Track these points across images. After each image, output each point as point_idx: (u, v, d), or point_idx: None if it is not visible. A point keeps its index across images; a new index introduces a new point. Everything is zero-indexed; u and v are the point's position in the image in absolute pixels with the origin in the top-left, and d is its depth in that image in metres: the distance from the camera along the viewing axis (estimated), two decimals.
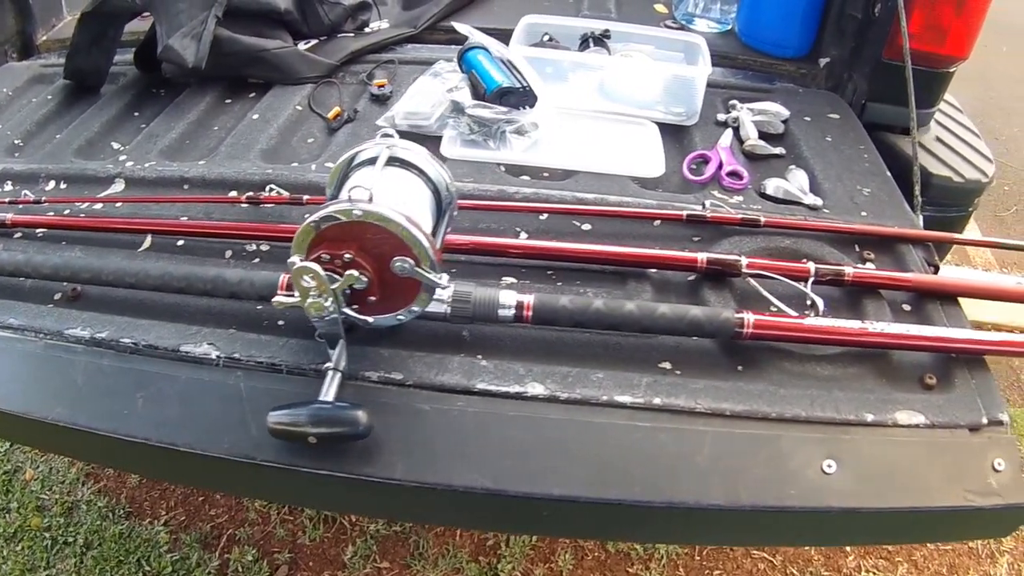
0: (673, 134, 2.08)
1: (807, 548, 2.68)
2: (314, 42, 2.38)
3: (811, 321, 1.43)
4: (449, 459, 1.22)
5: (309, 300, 1.17)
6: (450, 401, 1.27)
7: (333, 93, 2.19)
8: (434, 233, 1.32)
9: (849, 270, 1.57)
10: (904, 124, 2.11)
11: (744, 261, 1.55)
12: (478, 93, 1.98)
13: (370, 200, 1.15)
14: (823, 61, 2.38)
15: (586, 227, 1.69)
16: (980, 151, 2.40)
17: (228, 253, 1.61)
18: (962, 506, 1.26)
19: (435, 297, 1.27)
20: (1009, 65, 6.50)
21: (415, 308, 1.26)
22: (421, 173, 1.32)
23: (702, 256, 1.56)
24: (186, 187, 1.78)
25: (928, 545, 2.83)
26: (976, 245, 2.04)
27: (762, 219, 1.69)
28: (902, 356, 1.47)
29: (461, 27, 2.18)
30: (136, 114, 2.18)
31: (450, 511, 1.41)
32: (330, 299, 1.17)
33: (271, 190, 1.67)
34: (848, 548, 2.74)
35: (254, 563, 2.41)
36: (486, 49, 2.06)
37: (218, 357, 1.34)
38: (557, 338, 1.41)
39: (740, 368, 1.40)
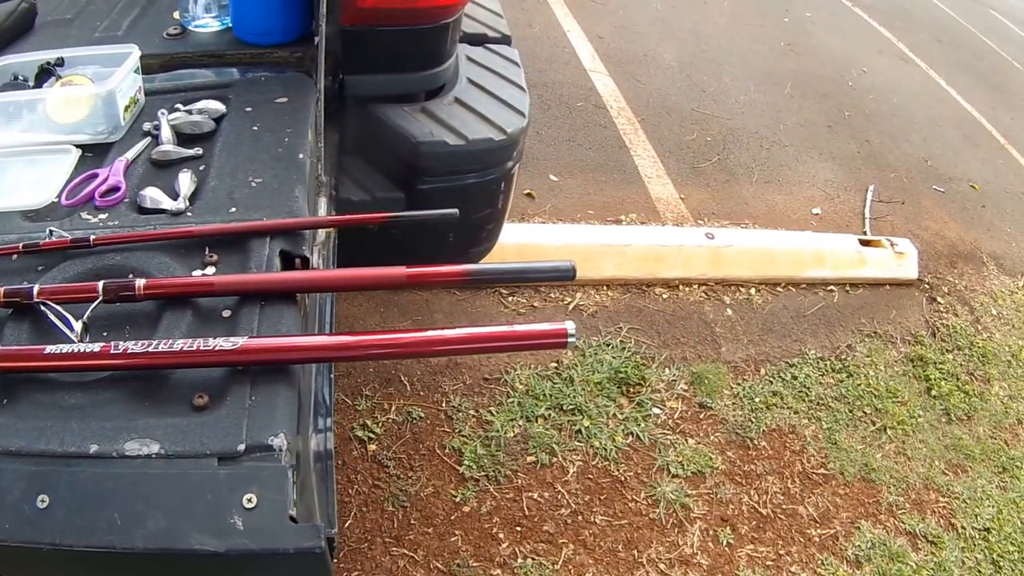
0: (99, 154, 1.92)
1: (452, 539, 2.57)
2: None
3: (51, 348, 1.28)
4: None
5: None
6: None
7: None
8: None
9: (140, 282, 1.39)
10: (396, 91, 1.99)
11: (36, 289, 1.40)
12: None
13: None
14: (317, 39, 2.13)
15: None
16: (513, 107, 2.20)
17: None
18: (187, 549, 1.08)
19: None
20: (725, 19, 6.57)
21: None
22: None
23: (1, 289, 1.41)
24: None
25: (597, 520, 2.68)
26: (338, 224, 1.84)
27: (92, 237, 1.54)
28: (183, 375, 1.29)
29: None
30: None
31: None
32: None
33: None
34: (500, 534, 2.60)
35: None
36: None
37: None
38: None
39: (5, 401, 1.28)
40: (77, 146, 1.93)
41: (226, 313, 1.41)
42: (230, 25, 2.35)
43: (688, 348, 3.40)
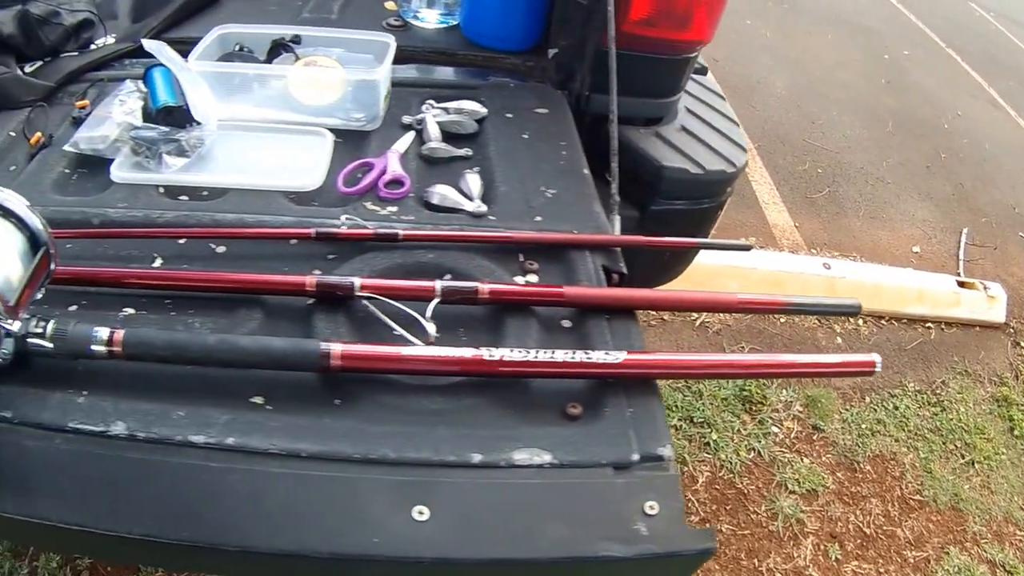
0: (353, 142, 1.91)
1: None
2: (38, 64, 2.19)
3: (412, 351, 1.26)
4: (48, 496, 1.12)
5: None
6: (48, 439, 1.17)
7: (45, 116, 2.00)
8: (28, 276, 1.21)
9: (484, 286, 1.39)
10: (632, 114, 2.03)
11: (358, 283, 1.38)
12: (148, 113, 1.83)
13: None
14: (551, 52, 2.22)
15: (221, 249, 1.55)
16: (732, 140, 2.29)
17: None
18: (595, 556, 1.09)
19: (39, 334, 1.20)
20: (828, 51, 6.64)
21: (5, 351, 1.19)
22: (16, 219, 1.22)
23: (312, 279, 1.40)
24: None
25: (723, 529, 2.80)
26: (671, 247, 1.96)
27: (400, 232, 1.54)
28: (544, 384, 1.30)
29: (148, 43, 1.97)
30: None
31: (60, 543, 1.41)
32: None
33: None
34: None
35: (59, 569, 2.35)
36: (166, 66, 1.89)
37: None
38: (162, 370, 1.27)
39: (337, 402, 1.25)
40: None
41: (566, 324, 1.43)
42: (452, 23, 2.38)
43: None
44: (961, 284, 4.27)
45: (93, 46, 2.30)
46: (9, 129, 1.93)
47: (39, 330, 1.20)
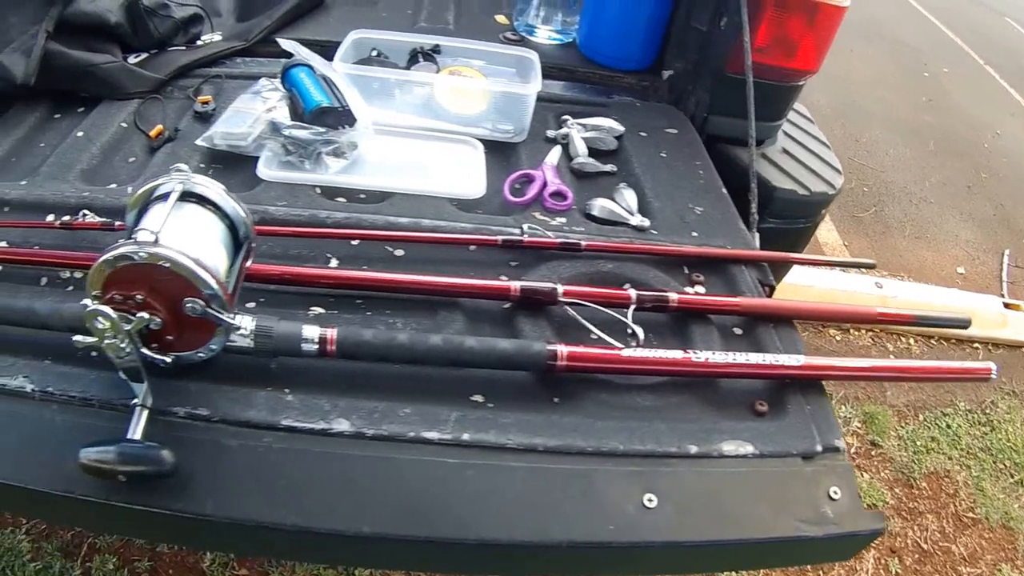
0: (500, 152, 1.97)
1: None
2: (144, 56, 2.21)
3: (630, 352, 1.35)
4: (257, 496, 1.15)
5: (106, 341, 1.10)
6: (256, 437, 1.19)
7: (159, 109, 2.03)
8: (230, 270, 1.26)
9: (674, 296, 1.50)
10: (740, 135, 2.06)
11: (560, 289, 1.46)
12: (297, 112, 1.84)
13: (155, 242, 1.10)
14: (666, 74, 2.31)
15: (399, 252, 1.59)
16: (828, 162, 2.35)
17: (43, 281, 1.46)
18: (794, 536, 1.22)
19: (238, 331, 1.21)
20: (869, 68, 6.68)
21: (213, 347, 1.21)
22: (216, 209, 1.25)
23: (516, 284, 1.46)
24: (7, 210, 1.60)
25: None
26: (809, 264, 2.05)
27: (583, 243, 1.61)
28: (732, 383, 1.41)
29: (285, 43, 2.03)
30: None
31: (265, 545, 1.37)
32: (125, 340, 1.11)
33: (84, 215, 1.52)
34: None
35: (115, 571, 2.32)
36: (309, 66, 1.92)
37: (33, 391, 1.22)
38: (367, 370, 1.32)
39: (556, 400, 1.33)
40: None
41: (737, 331, 1.54)
42: (567, 41, 2.44)
43: (860, 389, 3.56)
44: (1006, 306, 4.30)
45: (200, 42, 2.34)
46: (120, 120, 1.95)
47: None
